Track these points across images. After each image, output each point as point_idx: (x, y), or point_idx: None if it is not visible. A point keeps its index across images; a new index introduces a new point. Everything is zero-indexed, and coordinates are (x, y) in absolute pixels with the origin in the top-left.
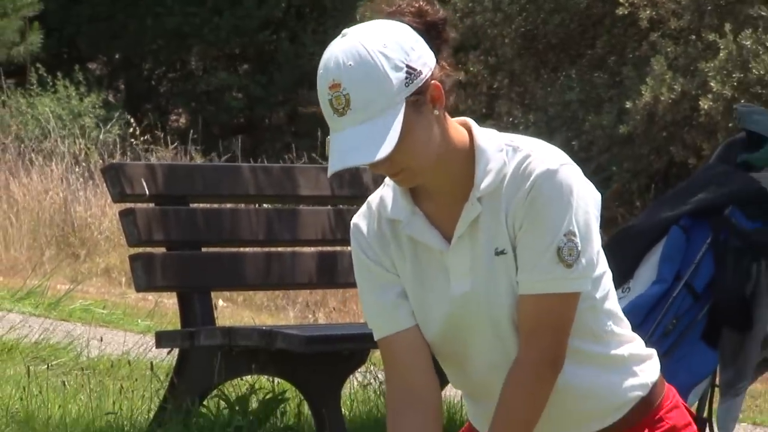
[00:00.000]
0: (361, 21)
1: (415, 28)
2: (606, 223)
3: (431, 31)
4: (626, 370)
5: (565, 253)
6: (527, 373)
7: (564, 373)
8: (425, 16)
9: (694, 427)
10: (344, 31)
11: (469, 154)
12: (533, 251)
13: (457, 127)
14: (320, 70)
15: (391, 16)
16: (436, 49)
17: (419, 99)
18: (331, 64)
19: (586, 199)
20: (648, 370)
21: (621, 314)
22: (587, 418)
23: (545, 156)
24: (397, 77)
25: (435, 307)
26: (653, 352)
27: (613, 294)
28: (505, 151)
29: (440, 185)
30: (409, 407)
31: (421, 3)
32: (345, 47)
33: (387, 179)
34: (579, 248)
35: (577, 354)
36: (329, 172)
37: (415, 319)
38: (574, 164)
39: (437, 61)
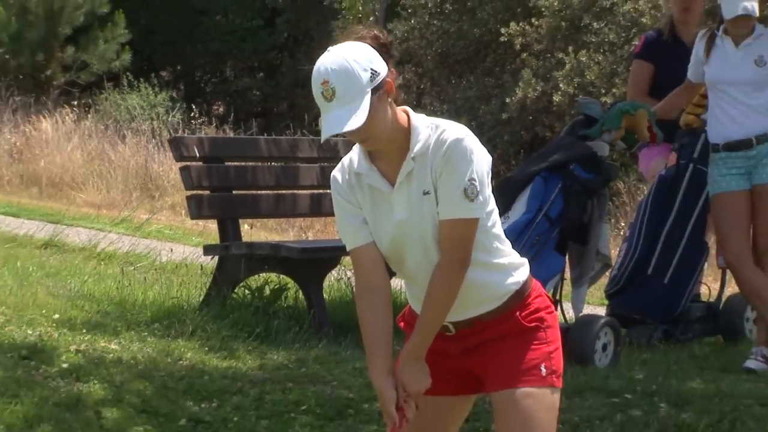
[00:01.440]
0: (338, 43)
1: (372, 47)
2: (494, 176)
3: (382, 49)
4: (506, 272)
5: (469, 192)
6: (445, 271)
7: (468, 273)
8: (379, 39)
9: (552, 308)
10: (329, 48)
11: (407, 129)
12: (448, 191)
13: (400, 112)
14: (314, 74)
15: (357, 39)
16: (386, 61)
17: (379, 91)
18: (321, 69)
19: (482, 159)
20: (521, 272)
21: (504, 237)
22: (482, 302)
23: (455, 130)
24: (365, 76)
25: (384, 230)
26: (525, 260)
27: (499, 224)
28: (430, 128)
29: (388, 150)
30: (370, 294)
31: (376, 32)
32: (331, 58)
33: (354, 146)
34: (478, 189)
35: (476, 262)
36: (323, 138)
37: (372, 237)
38: (474, 136)
39: (388, 68)
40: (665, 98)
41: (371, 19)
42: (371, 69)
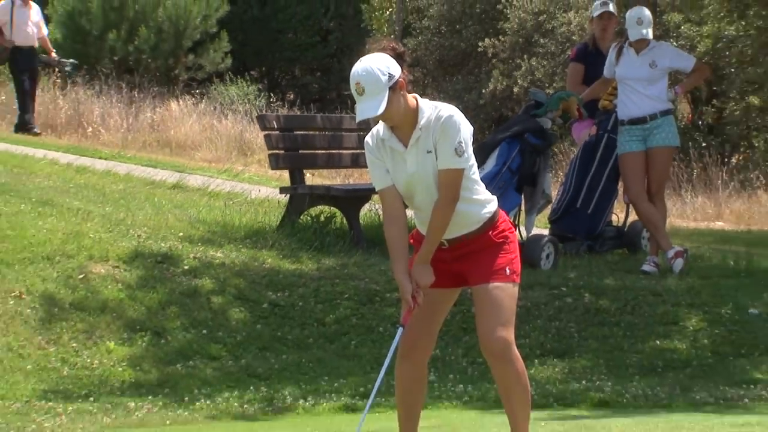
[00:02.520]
0: (368, 53)
1: (391, 56)
2: (474, 141)
3: (398, 57)
4: (482, 205)
5: (458, 151)
6: (442, 204)
7: (457, 205)
8: (396, 50)
9: (513, 229)
10: (361, 58)
11: (415, 110)
12: (444, 150)
13: (411, 98)
14: (351, 76)
15: (381, 49)
16: (401, 65)
17: (394, 87)
18: (355, 73)
19: (466, 128)
20: (492, 205)
21: (480, 182)
22: (466, 226)
23: (448, 109)
24: (384, 78)
25: (400, 177)
26: (495, 198)
27: (477, 172)
28: (431, 108)
29: (403, 124)
30: (392, 220)
31: (394, 44)
32: (361, 66)
33: (380, 122)
34: (464, 148)
35: (461, 198)
36: (356, 120)
37: (392, 182)
38: (461, 113)
39: (402, 71)
40: (589, 88)
41: (392, 36)
42: (389, 73)
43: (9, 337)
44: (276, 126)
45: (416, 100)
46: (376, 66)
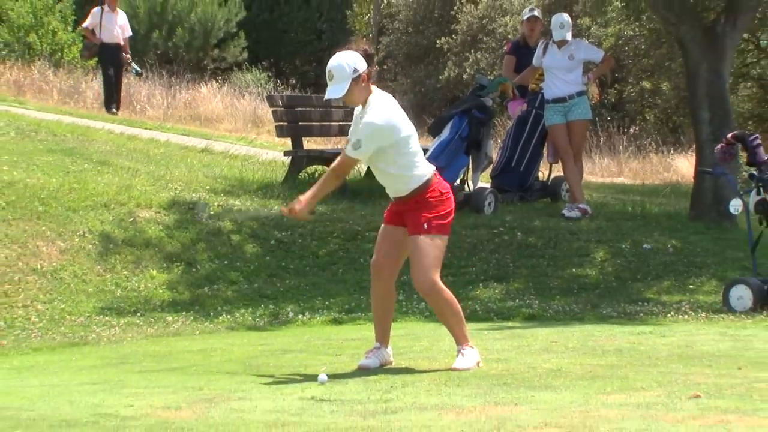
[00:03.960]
0: (351, 48)
1: (362, 55)
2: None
3: (368, 57)
4: (411, 176)
5: (355, 145)
6: (330, 171)
7: (394, 172)
8: (366, 51)
9: (449, 191)
10: (336, 53)
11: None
12: (351, 138)
13: (370, 88)
14: (327, 65)
15: (356, 49)
16: (369, 64)
17: (357, 79)
18: (329, 64)
19: (376, 133)
20: (422, 177)
21: (419, 156)
22: (399, 190)
23: (378, 116)
24: (349, 70)
25: None
26: (428, 171)
27: (416, 148)
28: (374, 106)
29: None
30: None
31: (366, 47)
32: (334, 59)
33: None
34: (360, 146)
35: (399, 166)
36: (324, 99)
37: None
38: (390, 123)
39: (368, 67)
40: (521, 75)
41: (370, 35)
42: (354, 67)
43: (75, 266)
44: (281, 104)
45: (373, 94)
46: (345, 61)
